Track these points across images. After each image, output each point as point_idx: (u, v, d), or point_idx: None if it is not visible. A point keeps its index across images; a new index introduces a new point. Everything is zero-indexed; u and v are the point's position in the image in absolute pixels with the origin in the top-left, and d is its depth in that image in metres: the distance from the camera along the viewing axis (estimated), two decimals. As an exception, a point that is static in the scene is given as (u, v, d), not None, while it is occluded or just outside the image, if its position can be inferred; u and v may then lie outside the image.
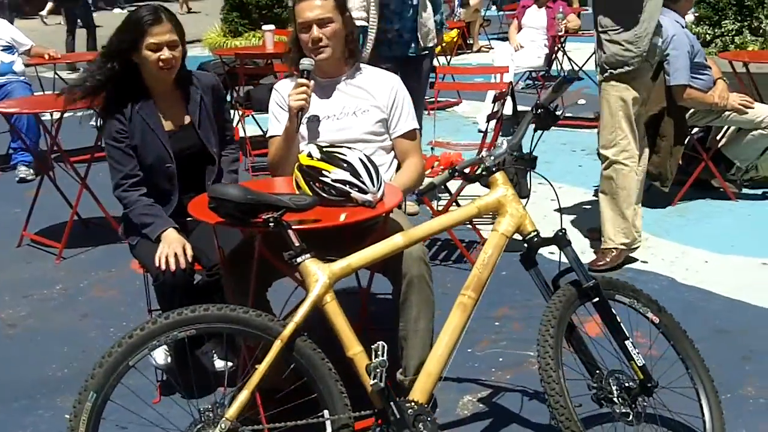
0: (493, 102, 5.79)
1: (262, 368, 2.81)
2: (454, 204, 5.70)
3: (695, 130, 6.77)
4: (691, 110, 6.53)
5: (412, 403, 2.93)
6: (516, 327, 4.58)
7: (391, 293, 3.63)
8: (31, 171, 7.75)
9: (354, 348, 2.92)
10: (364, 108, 3.84)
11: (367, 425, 3.05)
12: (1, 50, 7.98)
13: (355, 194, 3.27)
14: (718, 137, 6.97)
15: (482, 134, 5.93)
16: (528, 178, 3.30)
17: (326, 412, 2.89)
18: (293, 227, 2.96)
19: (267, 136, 3.95)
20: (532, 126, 3.26)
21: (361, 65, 3.98)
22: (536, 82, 11.63)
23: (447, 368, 3.04)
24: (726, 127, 6.83)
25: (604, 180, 5.39)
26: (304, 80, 3.68)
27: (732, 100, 6.42)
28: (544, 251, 3.21)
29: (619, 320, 3.12)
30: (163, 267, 3.63)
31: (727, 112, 6.48)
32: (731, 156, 6.80)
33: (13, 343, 4.64)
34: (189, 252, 3.69)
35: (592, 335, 3.25)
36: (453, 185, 5.65)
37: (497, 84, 6.44)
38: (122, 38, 3.83)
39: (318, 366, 2.89)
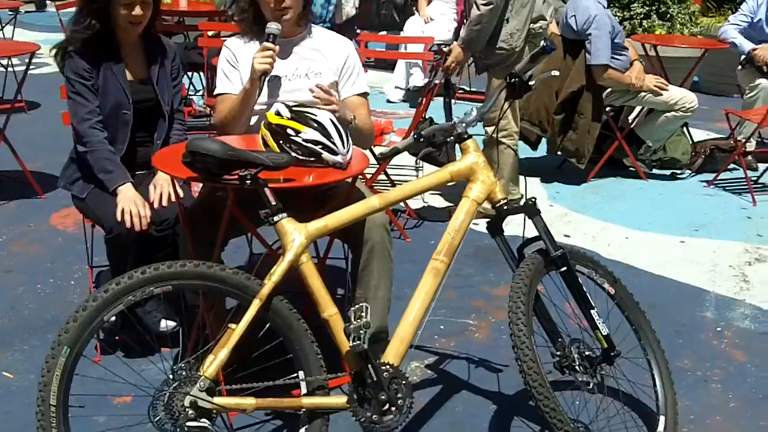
0: (431, 71, 5.78)
1: (240, 327, 2.76)
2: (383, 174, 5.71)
3: (608, 109, 6.90)
4: (608, 90, 6.66)
5: (388, 366, 2.91)
6: (451, 295, 4.60)
7: (345, 258, 3.61)
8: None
9: (329, 309, 2.89)
10: (316, 70, 3.79)
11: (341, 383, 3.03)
12: None
13: (325, 155, 3.23)
14: (630, 117, 7.13)
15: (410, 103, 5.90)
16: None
17: (301, 373, 2.86)
18: (270, 186, 2.91)
19: (215, 93, 3.87)
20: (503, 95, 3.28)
21: (313, 27, 3.93)
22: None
23: (420, 333, 3.04)
24: (638, 107, 6.99)
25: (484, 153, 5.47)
26: (270, 44, 3.60)
27: (648, 81, 6.58)
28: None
29: (585, 290, 3.16)
30: (128, 223, 3.56)
31: (642, 93, 6.63)
32: (644, 136, 6.96)
33: (-68, 301, 4.45)
34: (148, 212, 3.63)
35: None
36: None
37: (424, 54, 6.42)
38: None
39: (294, 327, 2.86)
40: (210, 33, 7.10)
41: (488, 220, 3.23)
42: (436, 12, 10.61)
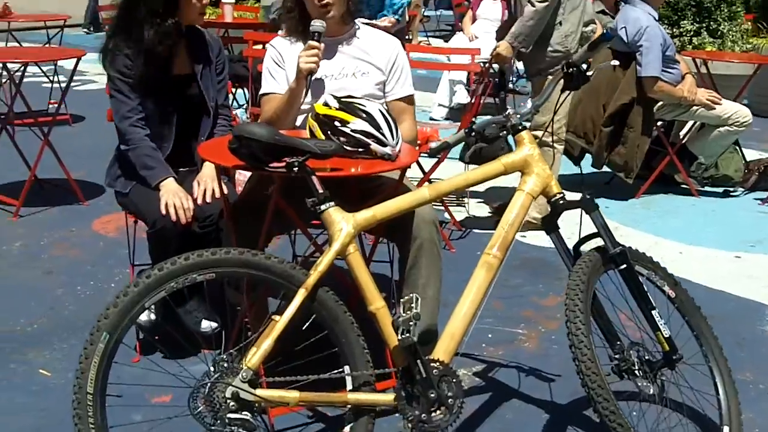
0: (477, 76, 5.67)
1: (284, 318, 2.64)
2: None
3: (659, 123, 6.75)
4: (659, 103, 6.51)
5: (438, 363, 2.78)
6: (498, 306, 4.47)
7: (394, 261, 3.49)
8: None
9: (377, 302, 2.78)
10: (363, 70, 3.69)
11: (388, 386, 2.90)
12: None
13: (374, 146, 3.12)
14: (681, 132, 6.97)
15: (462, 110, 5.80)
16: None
17: (347, 368, 2.74)
18: (317, 174, 2.80)
19: (260, 93, 3.78)
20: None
21: (361, 26, 3.83)
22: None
23: (471, 330, 2.91)
24: (690, 122, 6.83)
25: None
26: (315, 43, 3.51)
27: (700, 95, 6.43)
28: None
29: (645, 289, 3.02)
30: (173, 216, 3.48)
31: (694, 107, 6.48)
32: (696, 151, 6.80)
33: (-26, 298, 4.40)
34: (192, 205, 3.55)
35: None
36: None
37: (470, 65, 6.32)
38: None
39: (341, 319, 2.74)
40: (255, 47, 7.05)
41: (543, 216, 3.10)
42: (481, 30, 10.54)
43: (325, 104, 3.23)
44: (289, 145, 2.76)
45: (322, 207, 2.76)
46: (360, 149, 3.13)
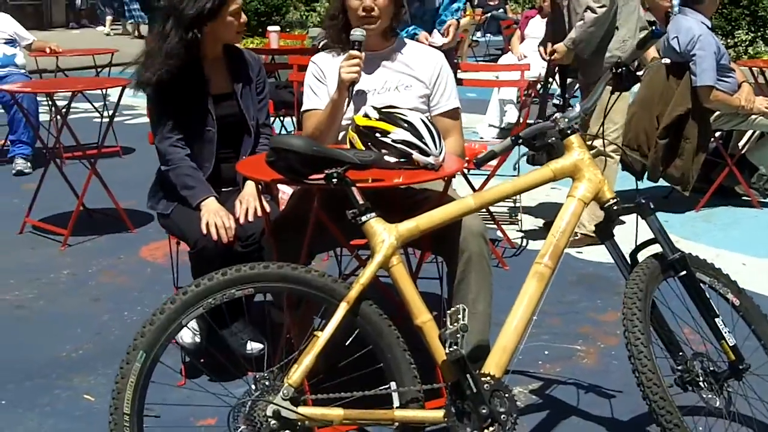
0: (527, 89, 5.56)
1: (326, 333, 2.54)
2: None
3: (716, 134, 6.57)
4: (716, 113, 6.33)
5: (489, 378, 2.66)
6: (554, 322, 4.33)
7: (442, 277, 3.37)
8: (29, 164, 7.50)
9: (423, 315, 2.66)
10: (406, 83, 3.60)
11: (439, 405, 2.76)
12: (3, 43, 7.76)
13: (416, 156, 3.02)
14: (740, 143, 6.77)
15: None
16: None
17: (393, 384, 2.62)
18: (357, 185, 2.71)
19: (302, 110, 3.70)
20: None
21: (403, 40, 3.75)
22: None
23: (523, 342, 2.78)
24: (749, 132, 6.63)
25: None
26: (356, 52, 3.42)
27: (758, 103, 6.24)
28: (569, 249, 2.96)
29: (707, 296, 2.87)
30: (214, 235, 3.41)
31: (753, 116, 6.29)
32: (756, 162, 6.61)
33: (22, 324, 4.37)
34: (233, 224, 3.47)
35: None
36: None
37: (520, 81, 6.21)
38: (203, 6, 3.58)
39: (385, 333, 2.63)
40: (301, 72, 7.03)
41: (596, 223, 2.98)
42: (530, 49, 10.46)
43: (365, 115, 3.14)
44: (327, 156, 2.67)
45: (363, 218, 2.67)
46: (402, 159, 3.03)
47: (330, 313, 2.58)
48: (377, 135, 3.06)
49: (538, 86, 5.70)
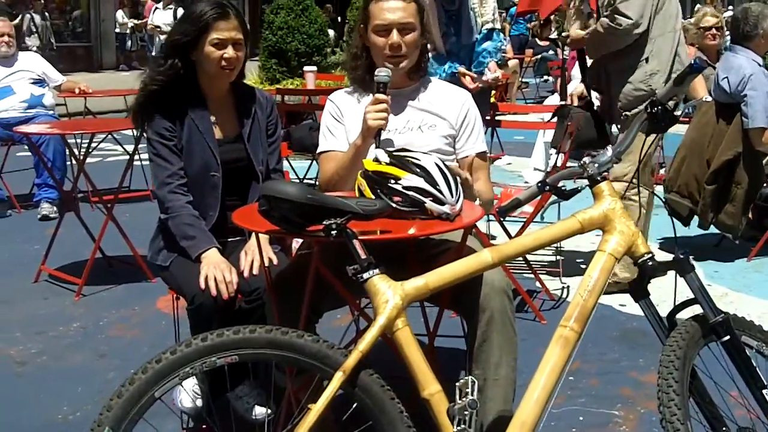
0: (565, 132, 5.26)
1: (319, 405, 2.25)
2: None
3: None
4: (769, 156, 6.00)
5: (505, 459, 2.35)
6: (593, 383, 4.02)
7: (465, 336, 3.07)
8: (54, 209, 7.33)
9: (431, 386, 2.37)
10: (430, 122, 3.34)
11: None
12: (32, 83, 7.67)
13: (430, 204, 2.73)
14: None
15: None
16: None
17: (395, 465, 2.32)
18: (360, 238, 2.43)
19: (318, 151, 3.45)
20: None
21: (431, 78, 3.50)
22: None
23: (545, 417, 2.46)
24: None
25: None
26: (382, 96, 3.17)
27: (816, 146, 5.89)
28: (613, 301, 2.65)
29: (754, 364, 2.54)
30: (213, 290, 3.12)
31: (810, 160, 5.95)
32: (814, 209, 6.24)
33: (21, 382, 4.13)
34: (235, 278, 3.18)
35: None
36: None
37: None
38: (184, 31, 3.41)
39: (387, 408, 2.33)
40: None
41: (630, 281, 2.67)
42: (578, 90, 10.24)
43: (375, 160, 2.86)
44: (325, 204, 2.40)
45: (365, 275, 2.39)
46: (415, 208, 2.75)
47: (325, 384, 2.30)
48: (388, 180, 2.78)
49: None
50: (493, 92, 13.41)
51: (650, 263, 2.59)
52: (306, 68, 8.47)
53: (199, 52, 3.39)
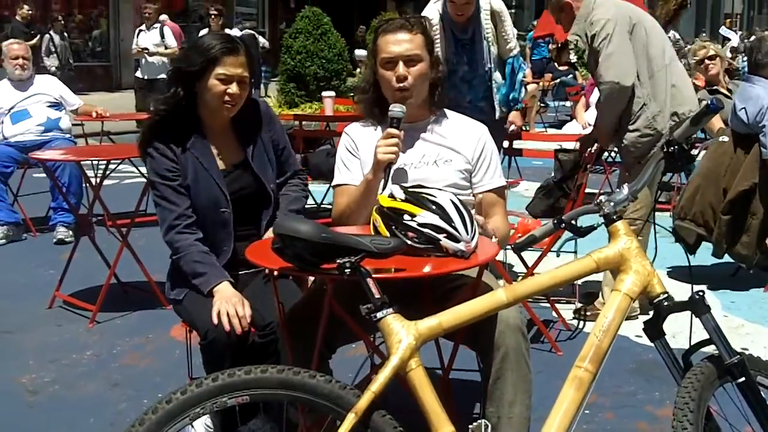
0: (581, 165, 5.24)
1: (331, 448, 2.24)
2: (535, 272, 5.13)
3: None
4: (787, 188, 5.95)
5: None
6: (608, 416, 3.99)
7: (479, 371, 3.05)
8: (70, 233, 7.32)
9: (444, 428, 2.36)
10: (446, 157, 3.33)
11: None
12: (49, 106, 7.70)
13: (445, 242, 2.72)
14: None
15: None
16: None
17: None
18: (374, 276, 2.42)
19: (333, 184, 3.45)
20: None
21: (447, 112, 3.48)
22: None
23: (559, 458, 2.44)
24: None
25: None
26: (394, 130, 3.18)
27: (834, 178, 5.85)
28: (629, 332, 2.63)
29: (773, 407, 2.52)
30: (226, 325, 3.10)
31: (828, 192, 5.90)
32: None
33: (33, 412, 4.11)
34: (248, 312, 3.16)
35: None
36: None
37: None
38: (191, 61, 3.38)
39: (399, 450, 2.31)
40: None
41: (646, 320, 2.65)
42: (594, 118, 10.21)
43: (391, 196, 2.86)
44: (338, 243, 2.39)
45: (379, 314, 2.38)
46: (430, 245, 2.74)
47: (338, 425, 2.28)
48: (405, 217, 2.77)
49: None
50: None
51: (666, 303, 2.58)
52: (324, 93, 8.46)
53: (203, 84, 3.36)
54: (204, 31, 12.70)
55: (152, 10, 13.64)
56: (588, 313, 5.29)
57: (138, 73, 13.30)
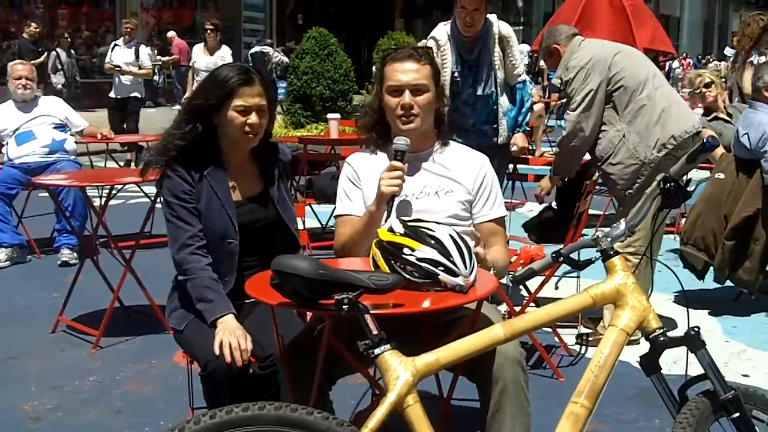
0: (583, 192, 5.25)
1: (328, 484, 2.26)
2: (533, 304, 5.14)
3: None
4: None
5: None
6: (609, 444, 3.99)
7: (479, 401, 3.07)
8: (75, 255, 7.34)
9: (441, 464, 2.37)
10: (447, 188, 3.35)
11: None
12: (54, 128, 7.73)
13: (443, 276, 2.75)
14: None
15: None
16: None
17: None
18: (371, 312, 2.44)
19: (335, 214, 3.47)
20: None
21: (449, 142, 3.51)
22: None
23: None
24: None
25: None
26: (398, 163, 3.21)
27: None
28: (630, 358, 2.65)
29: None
30: (227, 357, 3.12)
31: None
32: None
33: (35, 440, 4.12)
34: (249, 346, 3.18)
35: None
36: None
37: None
38: (208, 96, 3.41)
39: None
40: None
41: (641, 355, 2.67)
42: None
43: (390, 230, 2.88)
44: (336, 280, 2.41)
45: (376, 351, 2.41)
46: (428, 280, 2.76)
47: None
48: (405, 251, 2.80)
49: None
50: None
51: (662, 338, 2.60)
52: (329, 116, 8.44)
53: (222, 116, 3.38)
54: (199, 46, 12.37)
55: (133, 26, 13.34)
56: (590, 338, 5.32)
57: (111, 93, 12.72)
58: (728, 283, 6.12)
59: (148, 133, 10.08)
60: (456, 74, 5.73)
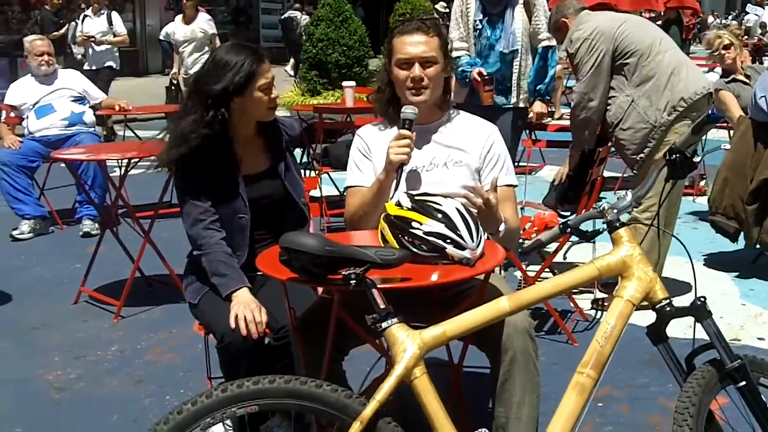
0: (596, 159, 5.25)
1: (338, 455, 2.31)
2: (547, 270, 5.17)
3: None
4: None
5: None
6: (621, 410, 4.03)
7: (489, 371, 3.11)
8: (96, 225, 7.41)
9: (448, 434, 2.41)
10: (456, 159, 3.36)
11: None
12: (72, 101, 7.80)
13: (450, 250, 2.78)
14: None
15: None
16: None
17: None
18: (379, 286, 2.48)
19: (345, 186, 3.50)
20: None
21: (458, 111, 3.52)
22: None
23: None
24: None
25: None
26: (406, 132, 3.22)
27: None
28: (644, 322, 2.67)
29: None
30: (243, 330, 3.17)
31: None
32: None
33: (59, 410, 4.20)
34: (264, 318, 3.23)
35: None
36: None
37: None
38: (230, 82, 3.39)
39: (405, 456, 2.38)
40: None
41: (649, 325, 2.69)
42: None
43: (398, 204, 2.91)
44: (343, 255, 2.45)
45: (383, 324, 2.44)
46: (435, 253, 2.79)
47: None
48: (414, 225, 2.83)
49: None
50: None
51: (668, 309, 2.62)
52: (345, 83, 8.42)
53: (246, 98, 3.41)
54: (178, 17, 11.66)
55: None
56: (606, 303, 5.33)
57: (86, 66, 12.00)
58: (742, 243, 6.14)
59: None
60: (477, 22, 5.78)
